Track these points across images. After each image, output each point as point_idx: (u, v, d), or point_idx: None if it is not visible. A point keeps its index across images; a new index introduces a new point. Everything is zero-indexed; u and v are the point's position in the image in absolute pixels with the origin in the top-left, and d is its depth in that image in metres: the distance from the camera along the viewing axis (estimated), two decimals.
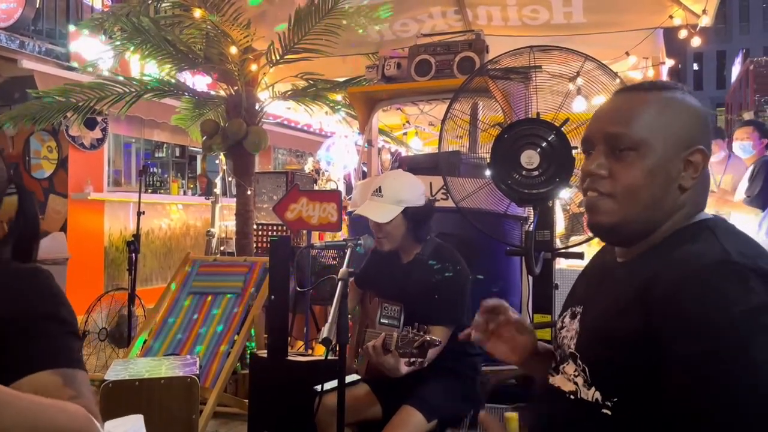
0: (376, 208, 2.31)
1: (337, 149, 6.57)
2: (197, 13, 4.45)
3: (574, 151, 2.20)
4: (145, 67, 5.70)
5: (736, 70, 16.83)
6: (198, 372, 2.54)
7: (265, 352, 3.01)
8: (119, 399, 2.36)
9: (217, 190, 5.81)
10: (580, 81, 2.35)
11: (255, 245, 4.94)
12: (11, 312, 1.02)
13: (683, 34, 4.44)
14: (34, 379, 0.97)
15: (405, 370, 2.07)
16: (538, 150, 2.21)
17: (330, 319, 1.81)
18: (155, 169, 9.62)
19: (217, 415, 3.62)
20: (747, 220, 4.24)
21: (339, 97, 5.23)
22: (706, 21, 4.19)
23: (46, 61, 6.73)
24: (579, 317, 1.10)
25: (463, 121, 2.66)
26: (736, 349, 0.84)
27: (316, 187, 5.33)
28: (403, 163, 3.51)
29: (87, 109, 4.83)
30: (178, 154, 10.40)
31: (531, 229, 2.30)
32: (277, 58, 4.62)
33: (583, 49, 2.43)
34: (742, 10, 35.13)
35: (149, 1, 5.22)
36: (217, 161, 7.07)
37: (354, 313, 2.66)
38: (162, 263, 7.93)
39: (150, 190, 8.73)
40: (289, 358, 2.90)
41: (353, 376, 2.40)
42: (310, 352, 3.53)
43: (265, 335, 3.54)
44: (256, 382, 3.03)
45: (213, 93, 5.79)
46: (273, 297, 2.92)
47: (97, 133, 7.20)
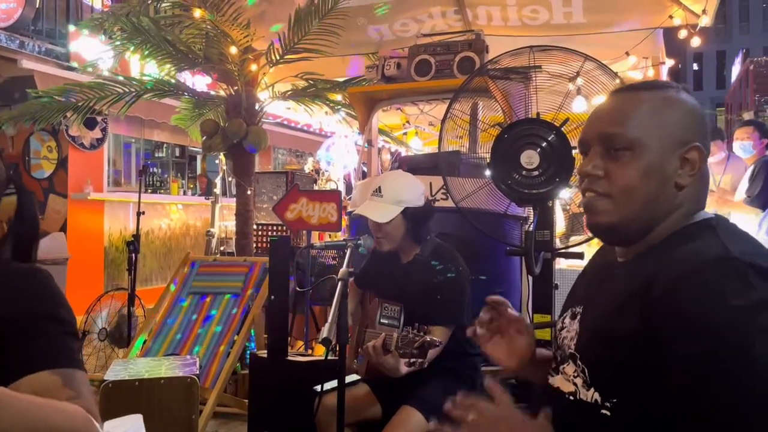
0: (376, 208, 2.31)
1: (337, 149, 6.57)
2: (197, 13, 4.45)
3: (573, 151, 2.20)
4: (144, 67, 5.70)
5: (736, 70, 16.82)
6: (198, 372, 2.54)
7: (265, 352, 3.01)
8: (119, 399, 2.36)
9: (217, 190, 5.80)
10: (580, 81, 2.35)
11: (255, 245, 4.94)
12: (11, 312, 1.02)
13: (683, 34, 4.44)
14: (34, 379, 0.97)
15: (405, 370, 2.07)
16: (538, 150, 2.21)
17: (330, 319, 1.81)
18: (155, 169, 9.62)
19: (217, 415, 3.62)
20: (747, 220, 4.24)
21: (339, 97, 5.23)
22: (705, 21, 4.19)
23: (46, 61, 6.73)
24: (579, 317, 1.10)
25: (463, 121, 2.66)
26: (736, 348, 0.84)
27: (316, 187, 5.33)
28: (402, 163, 3.51)
29: (87, 109, 4.83)
30: (178, 154, 10.40)
31: (531, 229, 2.30)
32: (277, 58, 4.62)
33: (583, 49, 2.43)
34: (742, 10, 35.13)
35: (149, 1, 5.21)
36: (216, 161, 7.07)
37: (354, 311, 2.66)
38: (162, 263, 7.92)
39: (150, 190, 8.72)
40: (289, 358, 2.90)
41: (353, 376, 2.40)
42: (310, 352, 3.53)
43: (265, 335, 3.54)
44: (256, 382, 3.03)
45: (213, 93, 5.78)
46: (273, 297, 2.92)
47: (96, 133, 7.19)
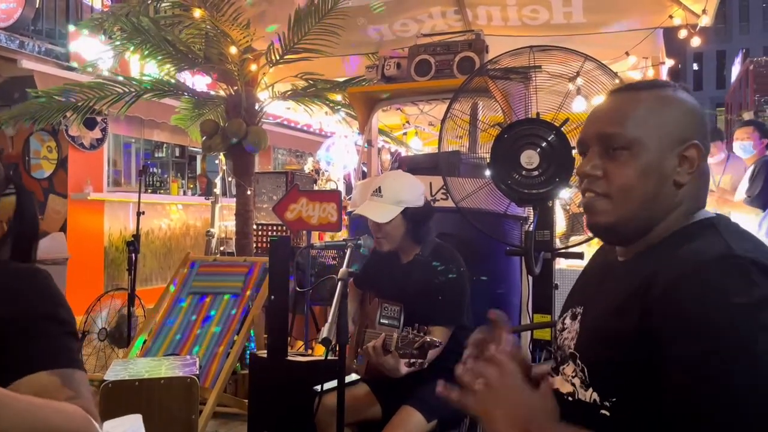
0: (376, 208, 2.31)
1: (337, 149, 6.57)
2: (197, 13, 4.45)
3: (573, 151, 2.19)
4: (144, 67, 5.70)
5: (735, 70, 16.81)
6: (198, 372, 2.54)
7: (265, 352, 3.01)
8: (119, 399, 2.36)
9: (217, 190, 5.80)
10: (579, 81, 2.35)
11: (255, 245, 4.94)
12: (10, 312, 1.02)
13: (683, 34, 4.43)
14: (33, 379, 0.97)
15: (405, 370, 2.07)
16: (538, 150, 2.20)
17: (330, 319, 1.81)
18: (155, 169, 9.62)
19: (217, 415, 3.62)
20: (747, 220, 4.24)
21: (339, 97, 5.23)
22: (705, 21, 4.19)
23: (45, 61, 6.73)
24: (579, 318, 1.10)
25: (463, 121, 2.65)
26: (737, 348, 0.83)
27: (316, 187, 5.33)
28: (402, 163, 3.50)
29: (86, 108, 4.83)
30: (177, 154, 10.40)
31: (531, 229, 2.29)
32: (277, 58, 4.62)
33: (582, 49, 2.42)
34: (742, 10, 35.13)
35: (149, 1, 5.22)
36: (216, 161, 7.07)
37: (354, 315, 2.66)
38: (162, 263, 7.92)
39: (150, 190, 8.72)
40: (288, 358, 2.90)
41: (353, 376, 2.40)
42: (309, 352, 3.53)
43: (265, 335, 3.54)
44: (256, 382, 3.03)
45: (213, 93, 5.78)
46: (273, 297, 2.92)
47: (96, 133, 7.19)
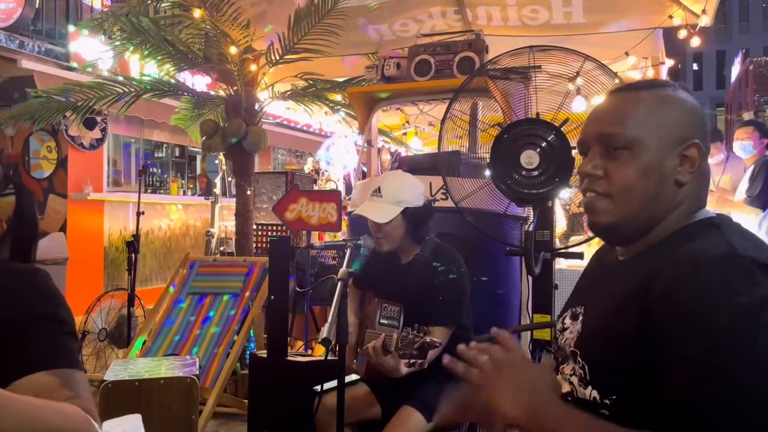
0: (376, 209, 2.30)
1: (337, 149, 6.57)
2: (197, 13, 4.44)
3: (573, 151, 2.19)
4: (144, 67, 5.69)
5: (735, 70, 16.81)
6: (197, 372, 2.54)
7: (265, 352, 3.01)
8: (119, 399, 2.36)
9: (217, 190, 5.80)
10: (579, 81, 2.35)
11: (255, 245, 4.94)
12: (10, 312, 1.01)
13: (683, 34, 4.43)
14: (32, 379, 0.97)
15: (405, 371, 2.07)
16: (538, 150, 2.20)
17: (329, 320, 1.81)
18: (155, 169, 9.62)
19: (217, 416, 3.62)
20: (747, 220, 4.24)
21: (338, 97, 5.23)
22: (705, 21, 4.19)
23: (45, 61, 6.73)
24: (581, 318, 1.10)
25: (463, 121, 2.65)
26: (737, 347, 0.83)
27: (316, 187, 5.33)
28: (402, 163, 3.50)
29: (86, 108, 4.83)
30: (177, 154, 10.40)
31: (531, 229, 2.29)
32: (277, 58, 4.62)
33: (582, 49, 2.42)
34: (742, 10, 35.12)
35: (149, 1, 5.21)
36: (216, 161, 7.07)
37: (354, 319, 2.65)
38: (161, 263, 7.92)
39: (150, 190, 8.72)
40: (288, 358, 2.90)
41: (352, 376, 2.40)
42: (309, 352, 3.53)
43: (265, 335, 3.54)
44: (256, 382, 3.03)
45: (212, 93, 5.78)
46: (273, 297, 2.92)
47: (96, 133, 7.19)
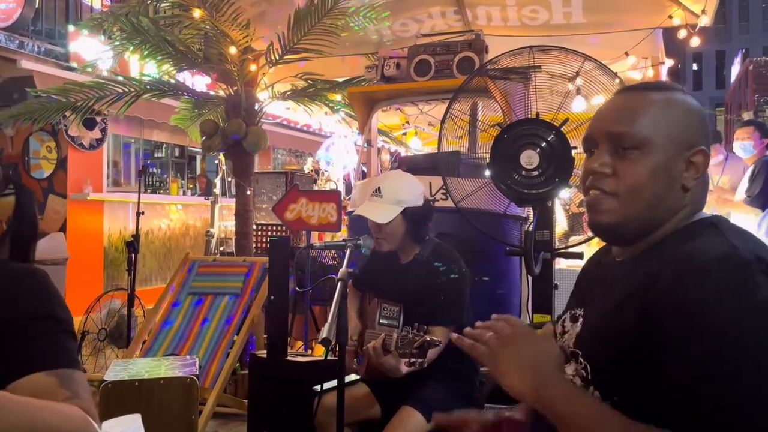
0: (376, 209, 2.30)
1: (337, 149, 6.57)
2: (196, 13, 4.44)
3: (573, 151, 2.20)
4: (144, 67, 5.69)
5: (735, 70, 16.83)
6: (197, 372, 2.54)
7: (265, 352, 3.01)
8: (119, 399, 2.36)
9: (217, 191, 5.80)
10: (579, 81, 2.35)
11: (254, 245, 4.93)
12: (9, 312, 1.01)
13: (682, 34, 4.44)
14: (32, 379, 0.96)
15: (405, 370, 2.07)
16: (538, 150, 2.21)
17: (329, 320, 1.81)
18: (155, 170, 9.62)
19: (217, 416, 3.62)
20: (747, 220, 4.24)
21: (338, 97, 5.23)
22: (705, 21, 4.19)
23: (45, 61, 6.73)
24: (581, 320, 1.10)
25: (463, 122, 2.65)
26: (739, 348, 0.83)
27: (316, 187, 5.33)
28: (402, 163, 3.50)
29: (86, 108, 4.83)
30: (177, 155, 10.40)
31: (530, 229, 2.29)
32: (277, 58, 4.61)
33: (582, 49, 2.43)
34: (742, 10, 35.13)
35: (148, 1, 5.20)
36: (216, 161, 7.06)
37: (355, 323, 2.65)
38: (161, 263, 7.92)
39: (149, 191, 8.72)
40: (288, 358, 2.90)
41: (352, 376, 2.40)
42: (309, 352, 3.53)
43: (265, 335, 3.54)
44: (256, 382, 3.03)
45: (212, 93, 5.78)
46: (272, 297, 2.92)
47: (96, 133, 7.19)
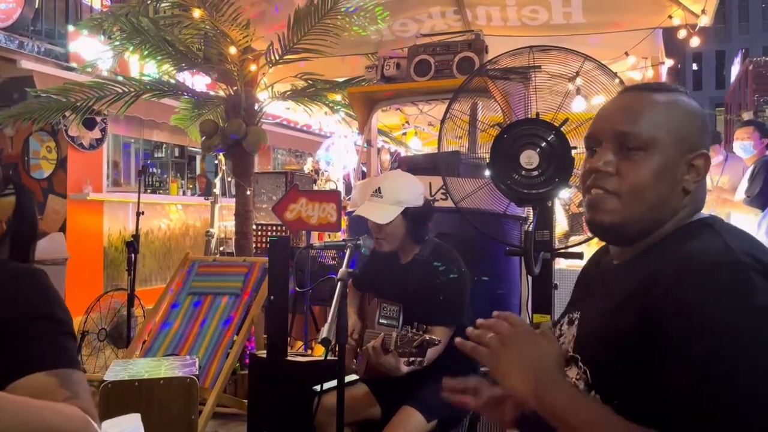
0: (376, 209, 2.30)
1: (337, 149, 6.56)
2: (196, 13, 4.44)
3: (573, 151, 2.19)
4: (144, 67, 5.69)
5: (735, 70, 16.83)
6: (197, 372, 2.54)
7: (265, 352, 3.01)
8: (119, 399, 2.36)
9: (217, 191, 5.80)
10: (579, 81, 2.35)
11: (254, 245, 4.93)
12: (9, 312, 1.01)
13: (682, 34, 4.44)
14: (31, 380, 0.96)
15: (405, 369, 2.07)
16: (538, 150, 2.20)
17: (329, 320, 1.81)
18: (154, 170, 9.62)
19: (217, 416, 3.62)
20: (746, 220, 4.24)
21: (338, 97, 5.23)
22: (705, 21, 4.19)
23: (45, 61, 6.72)
24: (577, 322, 1.10)
25: (463, 122, 2.65)
26: (738, 348, 0.84)
27: (316, 188, 5.33)
28: (402, 163, 3.50)
29: (86, 108, 4.83)
30: (177, 155, 10.41)
31: (530, 229, 2.29)
32: (277, 58, 4.61)
33: (582, 49, 2.42)
34: (742, 10, 35.13)
35: (148, 1, 5.20)
36: (216, 161, 7.06)
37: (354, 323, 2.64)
38: (161, 263, 7.92)
39: (149, 191, 8.72)
40: (288, 358, 2.90)
41: (351, 376, 2.40)
42: (309, 352, 3.53)
43: (265, 335, 3.54)
44: (256, 382, 3.03)
45: (212, 93, 5.78)
46: (272, 297, 2.92)
47: (96, 133, 7.19)
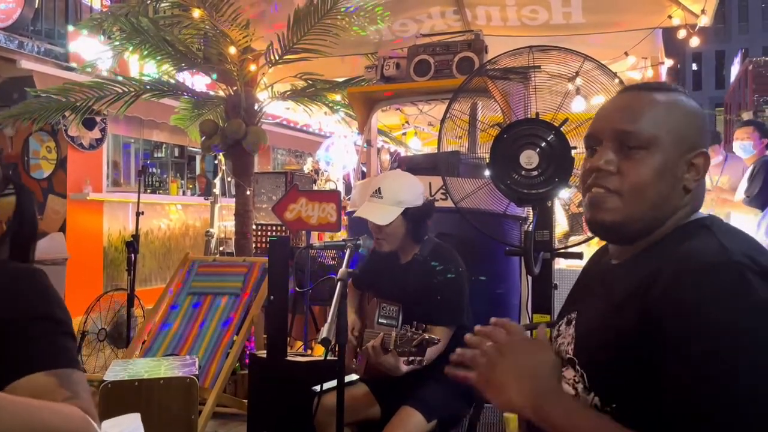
0: (376, 210, 2.30)
1: (337, 149, 6.56)
2: (196, 13, 4.44)
3: (573, 151, 2.20)
4: (143, 67, 5.69)
5: (735, 70, 16.83)
6: (197, 372, 2.54)
7: (265, 352, 3.01)
8: (118, 399, 2.36)
9: (216, 191, 5.80)
10: (579, 81, 2.35)
11: (254, 245, 4.94)
12: (9, 312, 1.01)
13: (682, 34, 4.43)
14: (31, 380, 0.96)
15: (405, 369, 2.07)
16: (538, 150, 2.20)
17: (329, 320, 1.81)
18: (154, 170, 9.61)
19: (217, 416, 3.62)
20: (746, 220, 4.24)
21: (338, 97, 5.23)
22: (705, 21, 4.19)
23: (45, 61, 6.72)
24: (574, 323, 1.10)
25: (463, 122, 2.65)
26: (737, 349, 0.84)
27: (316, 188, 5.33)
28: (402, 163, 3.50)
29: (85, 108, 4.83)
30: (177, 155, 10.40)
31: (530, 229, 2.29)
32: (276, 58, 4.61)
33: (582, 49, 2.42)
34: (741, 10, 35.13)
35: (148, 1, 5.20)
36: (216, 161, 7.06)
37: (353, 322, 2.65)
38: (161, 263, 7.92)
39: (149, 191, 8.71)
40: (288, 358, 2.90)
41: (351, 376, 2.40)
42: (309, 352, 3.53)
43: (265, 335, 3.54)
44: (256, 382, 3.03)
45: (212, 93, 5.78)
46: (272, 297, 2.92)
47: (96, 133, 7.19)
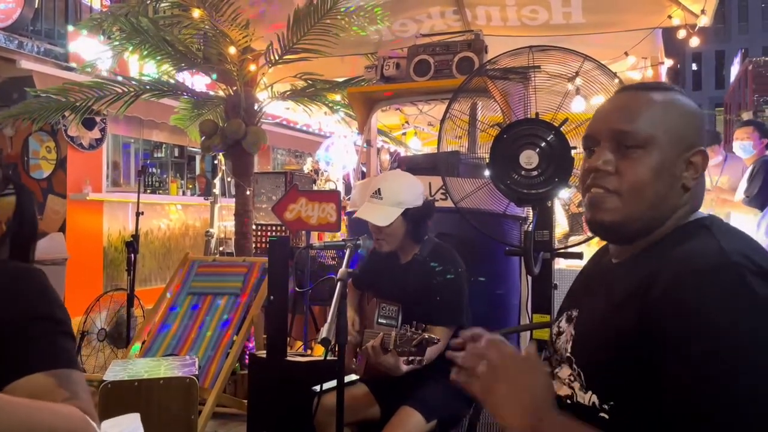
0: (376, 211, 2.30)
1: (336, 149, 6.57)
2: (196, 13, 4.44)
3: (573, 151, 2.20)
4: (143, 67, 5.69)
5: (734, 70, 16.83)
6: (197, 372, 2.54)
7: (264, 352, 3.01)
8: (118, 399, 2.36)
9: (216, 191, 5.80)
10: (579, 81, 2.35)
11: (254, 245, 4.94)
12: (9, 312, 1.01)
13: (682, 34, 4.43)
14: (31, 380, 0.96)
15: (405, 368, 2.07)
16: (537, 150, 2.21)
17: (329, 320, 1.81)
18: (154, 170, 9.61)
19: (216, 416, 3.62)
20: (746, 220, 4.24)
21: (338, 97, 5.23)
22: (704, 21, 4.19)
23: (44, 61, 6.72)
24: (574, 321, 1.10)
25: (462, 122, 2.65)
26: (737, 349, 0.84)
27: (315, 188, 5.33)
28: (401, 163, 3.50)
29: (85, 108, 4.82)
30: (177, 155, 10.40)
31: (530, 229, 2.29)
32: (276, 58, 4.61)
33: (582, 49, 2.42)
34: (741, 10, 35.14)
35: (148, 1, 5.20)
36: (215, 161, 7.06)
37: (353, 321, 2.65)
38: (161, 264, 7.92)
39: (149, 191, 8.72)
40: (288, 358, 2.90)
41: (351, 376, 2.40)
42: (309, 352, 3.53)
43: (265, 336, 3.54)
44: (255, 382, 3.03)
45: (212, 93, 5.78)
46: (272, 297, 2.92)
47: (95, 133, 7.19)
